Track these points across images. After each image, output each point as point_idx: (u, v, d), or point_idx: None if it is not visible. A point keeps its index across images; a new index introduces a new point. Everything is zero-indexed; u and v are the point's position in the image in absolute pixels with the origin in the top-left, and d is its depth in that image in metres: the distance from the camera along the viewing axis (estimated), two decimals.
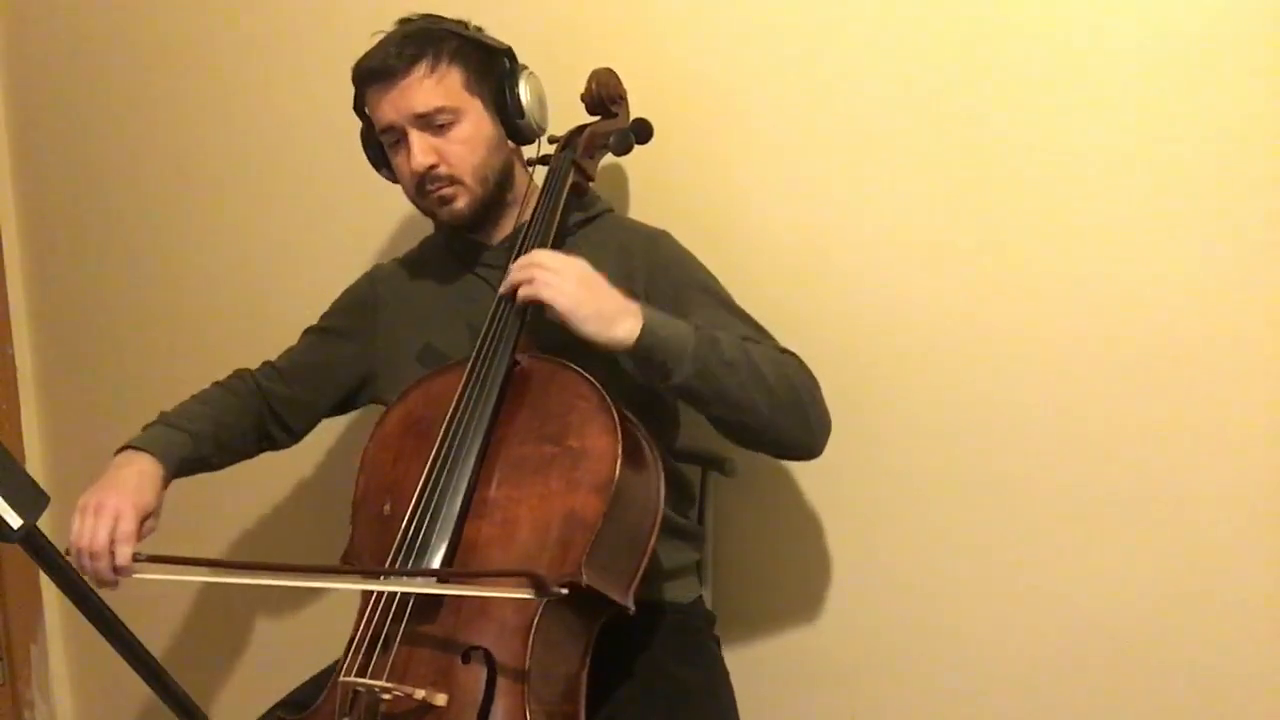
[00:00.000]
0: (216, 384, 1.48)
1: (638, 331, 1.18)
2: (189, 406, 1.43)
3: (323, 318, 1.53)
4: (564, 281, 1.19)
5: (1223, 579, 1.34)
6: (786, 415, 1.25)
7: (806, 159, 1.49)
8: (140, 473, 1.27)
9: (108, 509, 1.21)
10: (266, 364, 1.51)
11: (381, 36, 1.37)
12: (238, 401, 1.45)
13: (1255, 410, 1.31)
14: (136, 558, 1.21)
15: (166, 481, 1.30)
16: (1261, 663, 1.34)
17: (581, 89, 1.43)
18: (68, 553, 1.21)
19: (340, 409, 1.53)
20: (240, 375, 1.49)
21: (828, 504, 1.55)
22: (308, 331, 1.53)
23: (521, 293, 1.21)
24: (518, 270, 1.23)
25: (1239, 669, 1.35)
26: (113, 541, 1.20)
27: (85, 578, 1.20)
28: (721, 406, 1.22)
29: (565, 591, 1.05)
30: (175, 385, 2.07)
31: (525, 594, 1.06)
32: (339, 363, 1.49)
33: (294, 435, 1.51)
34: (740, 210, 1.52)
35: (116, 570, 1.21)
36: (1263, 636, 1.34)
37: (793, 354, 1.30)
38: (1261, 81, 1.27)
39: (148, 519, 1.25)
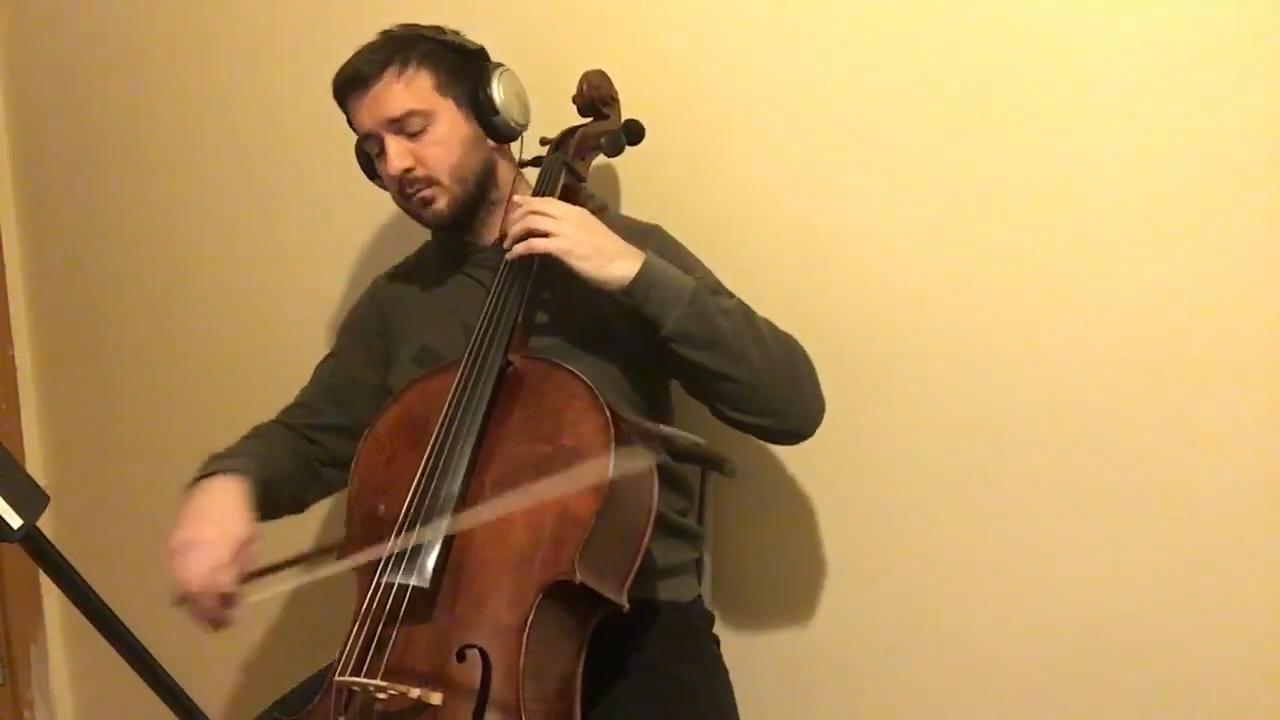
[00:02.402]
0: (244, 436, 1.41)
1: (637, 269, 1.21)
2: (231, 448, 1.36)
3: (335, 342, 1.52)
4: (563, 223, 1.23)
5: (1223, 578, 1.35)
6: (781, 377, 1.26)
7: (798, 159, 1.49)
8: (218, 499, 1.22)
9: (196, 543, 1.16)
10: (286, 410, 1.46)
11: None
12: (272, 442, 1.39)
13: (1255, 410, 1.31)
14: (242, 580, 1.16)
15: (252, 501, 1.24)
16: (1262, 662, 1.34)
17: (573, 91, 1.44)
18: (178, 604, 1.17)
19: None
20: (263, 426, 1.43)
21: (827, 504, 1.55)
22: (324, 361, 1.50)
23: (519, 247, 1.24)
24: (517, 219, 1.25)
25: (1239, 668, 1.35)
26: (212, 572, 1.15)
27: (202, 624, 1.17)
28: (715, 356, 1.23)
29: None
30: (175, 386, 2.07)
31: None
32: (363, 376, 1.46)
33: (344, 469, 1.35)
34: (732, 211, 1.52)
35: (224, 602, 1.16)
36: (1263, 636, 1.34)
37: (791, 336, 1.31)
38: (1263, 82, 1.27)
39: (246, 545, 1.18)
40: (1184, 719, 1.39)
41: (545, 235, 1.23)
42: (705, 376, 1.25)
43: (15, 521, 0.83)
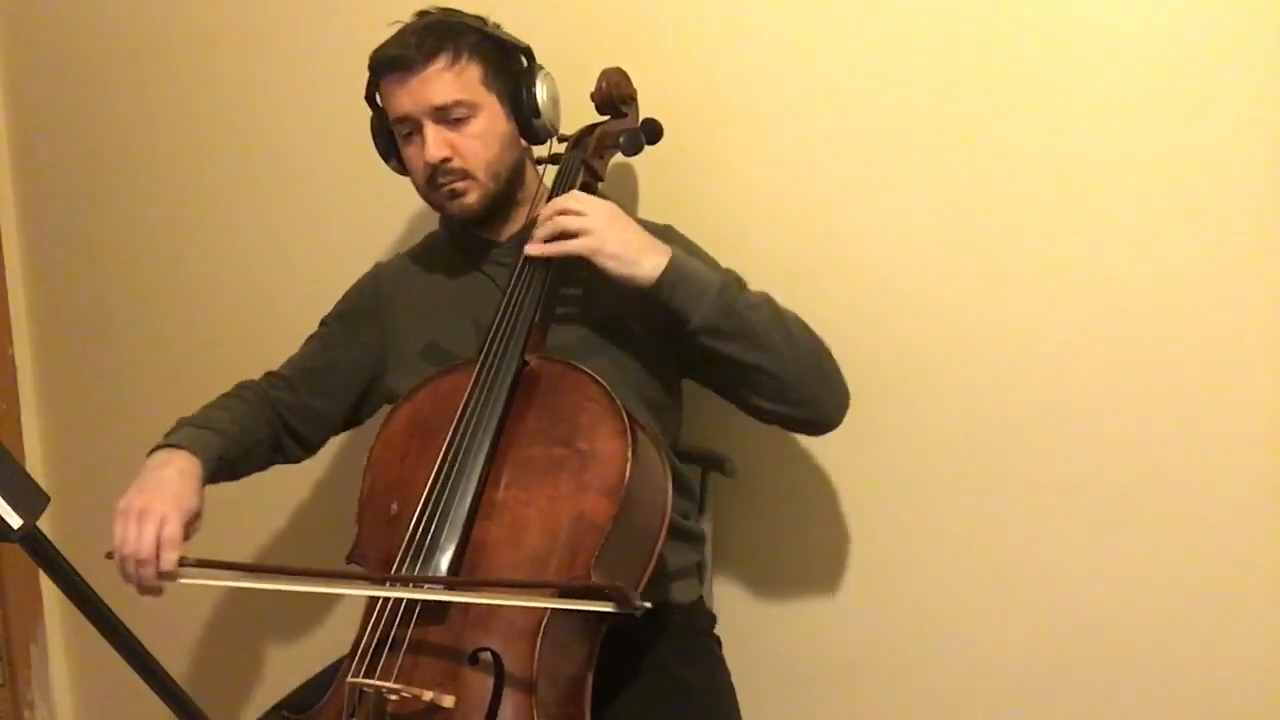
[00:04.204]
0: (224, 394, 1.43)
1: (664, 265, 1.21)
2: (206, 411, 1.38)
3: (325, 320, 1.50)
4: (592, 219, 1.23)
5: (1224, 578, 1.35)
6: (807, 366, 1.27)
7: (814, 160, 1.49)
8: (180, 471, 1.24)
9: (152, 513, 1.18)
10: (270, 374, 1.47)
11: (399, 27, 1.36)
12: (250, 409, 1.40)
13: (1256, 410, 1.31)
14: (183, 563, 1.18)
15: (205, 480, 1.27)
16: (1262, 663, 1.34)
17: (592, 88, 1.43)
18: (110, 556, 1.19)
19: (353, 414, 1.48)
20: (246, 385, 1.44)
21: (828, 504, 1.55)
22: (312, 336, 1.50)
23: (548, 248, 1.24)
24: (544, 218, 1.25)
25: (1240, 669, 1.35)
26: (160, 546, 1.17)
27: (130, 584, 1.18)
28: (744, 347, 1.23)
29: (647, 606, 1.02)
30: (175, 385, 2.07)
31: (604, 607, 1.04)
32: (346, 363, 1.46)
33: (306, 447, 1.47)
34: (749, 211, 1.52)
35: (161, 576, 1.18)
36: (1264, 636, 1.34)
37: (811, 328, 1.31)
38: (1263, 81, 1.27)
39: (192, 521, 1.22)
40: (1183, 719, 1.38)
41: (575, 235, 1.23)
42: (734, 368, 1.25)
43: (15, 521, 0.84)
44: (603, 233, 1.22)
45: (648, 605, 1.03)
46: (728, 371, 1.27)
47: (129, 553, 1.18)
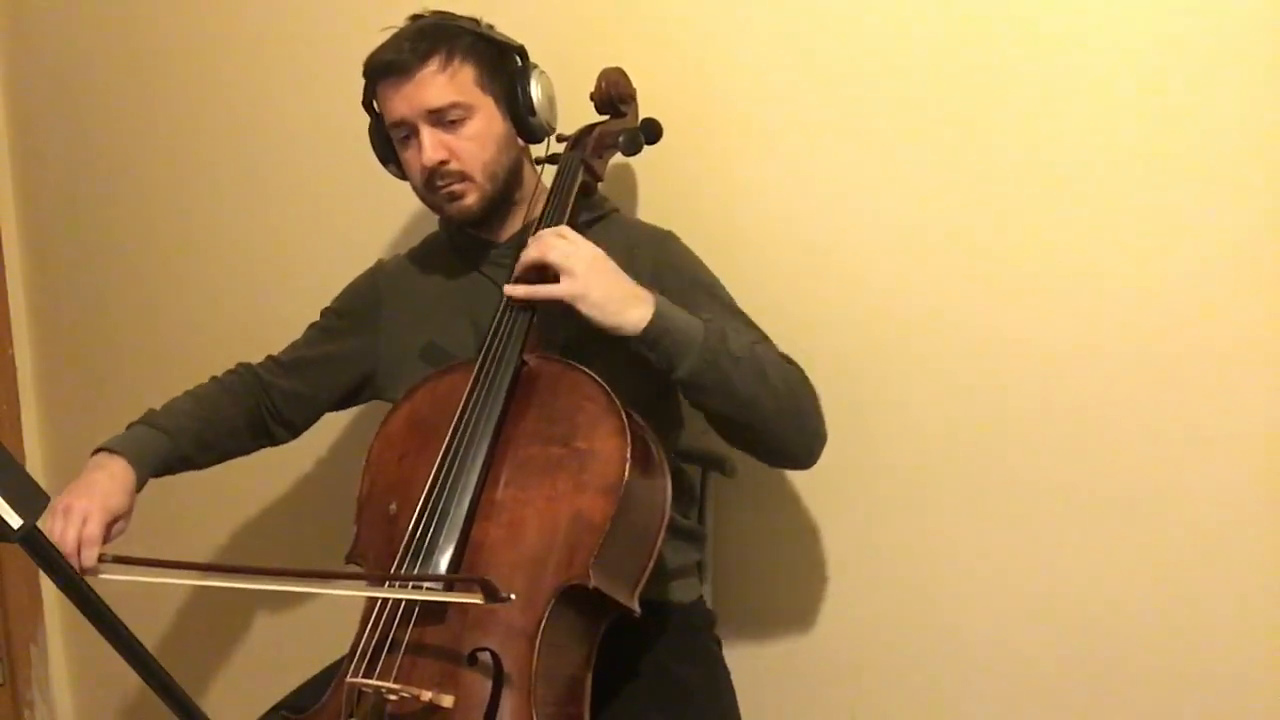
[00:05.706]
0: (214, 379, 1.47)
1: (649, 318, 1.20)
2: (177, 403, 1.42)
3: (324, 312, 1.52)
4: (574, 261, 1.21)
5: (1223, 579, 1.35)
6: (787, 419, 1.26)
7: (814, 161, 1.49)
8: (111, 476, 1.27)
9: (75, 511, 1.22)
10: (269, 357, 1.50)
11: (393, 32, 1.36)
12: (231, 398, 1.44)
13: (1255, 410, 1.31)
14: (103, 559, 1.22)
15: (140, 483, 1.30)
16: (1261, 663, 1.34)
17: (591, 88, 1.43)
18: None
19: (341, 404, 1.52)
20: (240, 370, 1.49)
21: (828, 504, 1.55)
22: (312, 324, 1.52)
23: (523, 290, 1.23)
24: (528, 254, 1.24)
25: (1239, 669, 1.35)
26: (80, 543, 1.21)
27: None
28: (725, 401, 1.23)
29: (512, 597, 1.05)
30: (175, 385, 2.06)
31: (474, 599, 1.06)
32: (340, 358, 1.48)
33: (293, 430, 1.50)
34: (748, 212, 1.52)
35: (83, 572, 1.21)
36: (1263, 636, 1.34)
37: (795, 364, 1.30)
38: (1262, 81, 1.27)
39: (116, 522, 1.26)
40: (1183, 719, 1.38)
41: (557, 274, 1.21)
42: (714, 418, 1.26)
43: (15, 521, 0.84)
44: (585, 278, 1.20)
45: (512, 597, 1.05)
46: (707, 417, 1.28)
47: None
